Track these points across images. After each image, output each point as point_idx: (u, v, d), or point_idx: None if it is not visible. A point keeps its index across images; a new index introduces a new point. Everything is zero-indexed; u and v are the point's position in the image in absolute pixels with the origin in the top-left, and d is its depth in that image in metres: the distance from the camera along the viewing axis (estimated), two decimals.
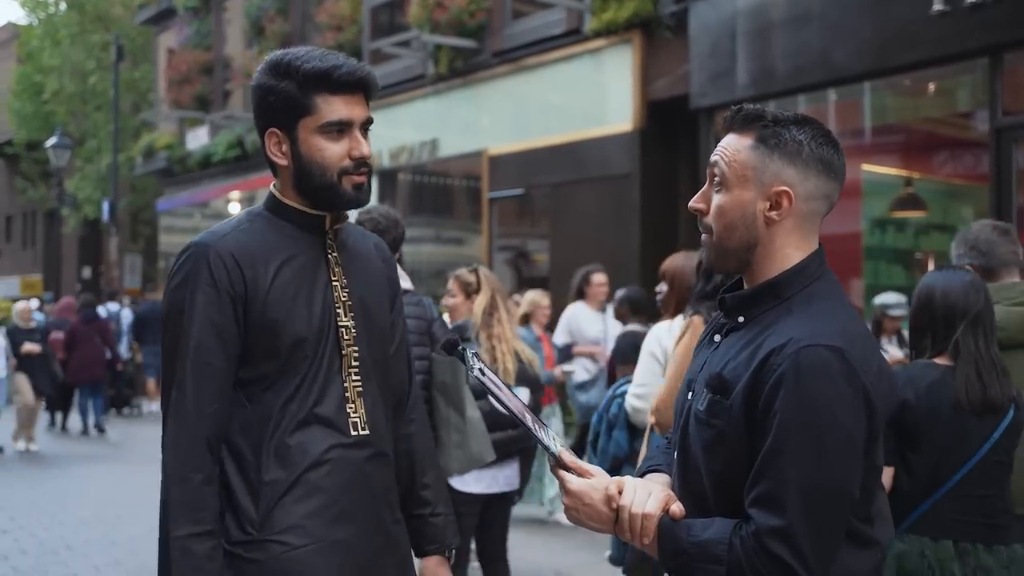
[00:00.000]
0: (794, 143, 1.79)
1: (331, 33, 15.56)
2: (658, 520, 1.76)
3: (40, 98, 27.04)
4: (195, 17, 20.89)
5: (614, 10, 10.89)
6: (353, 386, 2.19)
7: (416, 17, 13.36)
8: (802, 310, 1.76)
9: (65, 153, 20.76)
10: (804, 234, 1.82)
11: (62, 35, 25.55)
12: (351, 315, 2.21)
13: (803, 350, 1.67)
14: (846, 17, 8.71)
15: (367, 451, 2.21)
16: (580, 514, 1.83)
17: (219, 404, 2.12)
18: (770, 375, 1.69)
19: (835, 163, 1.81)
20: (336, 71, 2.12)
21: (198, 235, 2.22)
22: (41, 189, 29.50)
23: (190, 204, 21.24)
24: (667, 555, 1.74)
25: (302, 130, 2.16)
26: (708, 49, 9.94)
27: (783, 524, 1.63)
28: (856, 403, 1.67)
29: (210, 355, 2.11)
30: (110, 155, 22.08)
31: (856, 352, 1.69)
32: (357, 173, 2.16)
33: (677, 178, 11.08)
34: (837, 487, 1.66)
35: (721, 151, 1.86)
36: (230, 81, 19.92)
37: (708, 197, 1.88)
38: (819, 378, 1.66)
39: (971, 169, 8.75)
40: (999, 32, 7.64)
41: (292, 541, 2.11)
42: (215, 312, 2.10)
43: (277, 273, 2.14)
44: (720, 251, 1.86)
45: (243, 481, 2.13)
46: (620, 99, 11.11)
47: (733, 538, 1.68)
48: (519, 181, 12.54)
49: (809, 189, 1.80)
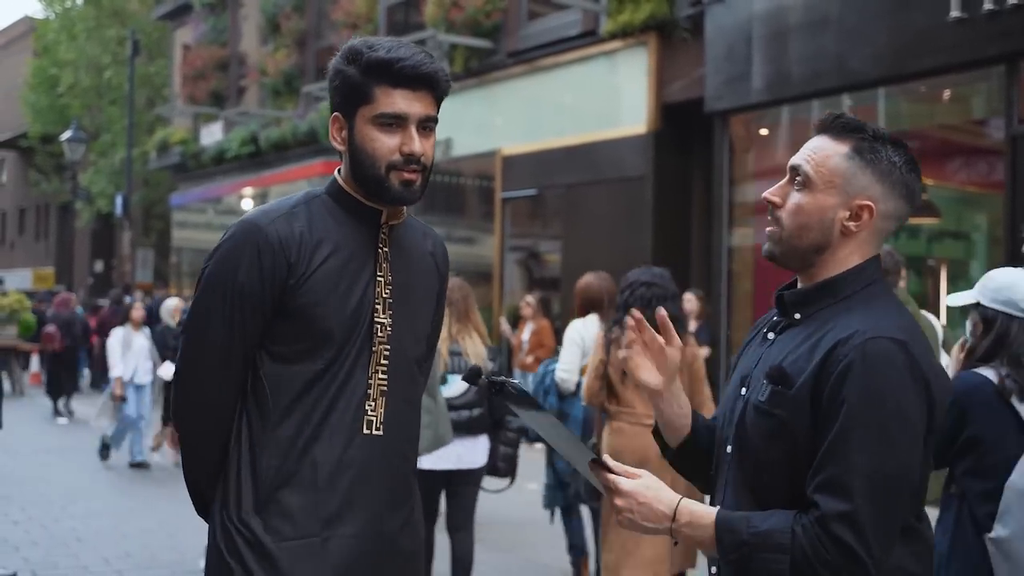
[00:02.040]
0: (888, 162, 1.84)
1: (346, 31, 15.59)
2: (715, 514, 1.79)
3: (55, 92, 27.14)
4: (211, 13, 20.95)
5: (630, 12, 10.90)
6: (378, 383, 2.17)
7: (432, 16, 13.39)
8: (863, 307, 1.81)
9: (80, 147, 20.85)
10: (871, 247, 1.88)
11: (78, 29, 25.66)
12: (389, 312, 2.19)
13: (870, 340, 1.72)
14: (863, 22, 8.70)
15: (379, 451, 2.18)
16: (635, 514, 1.84)
17: (226, 376, 2.16)
18: (837, 364, 1.73)
19: (916, 191, 1.88)
20: (398, 63, 2.10)
21: (250, 212, 2.22)
22: (55, 182, 29.60)
23: (203, 200, 21.32)
24: (727, 548, 1.76)
25: (359, 118, 2.13)
26: (724, 52, 9.94)
27: (849, 508, 1.67)
28: (919, 395, 1.72)
29: (230, 338, 2.14)
30: (124, 149, 22.16)
31: (918, 348, 1.75)
32: (407, 169, 2.12)
33: (691, 181, 11.09)
34: (901, 474, 1.71)
35: (810, 152, 1.87)
36: (245, 77, 19.98)
37: (785, 192, 1.90)
38: (886, 368, 1.71)
39: (986, 176, 8.73)
40: (1016, 40, 7.63)
41: (283, 532, 2.11)
42: (250, 293, 2.12)
43: (323, 261, 2.14)
44: (786, 247, 1.89)
45: (250, 460, 2.15)
46: (635, 101, 11.11)
47: (795, 526, 1.71)
48: (532, 182, 12.55)
49: (889, 209, 1.86)
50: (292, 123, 17.29)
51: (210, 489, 2.22)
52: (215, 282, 2.14)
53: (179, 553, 6.61)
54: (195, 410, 2.20)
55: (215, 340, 2.14)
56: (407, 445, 2.27)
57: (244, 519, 2.12)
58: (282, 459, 2.12)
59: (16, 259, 37.48)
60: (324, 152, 16.08)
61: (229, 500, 2.15)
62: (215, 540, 2.17)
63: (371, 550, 2.17)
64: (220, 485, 2.19)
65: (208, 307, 2.15)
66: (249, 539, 2.11)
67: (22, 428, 12.25)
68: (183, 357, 2.21)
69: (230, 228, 2.18)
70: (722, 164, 10.20)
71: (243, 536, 2.12)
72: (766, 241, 1.93)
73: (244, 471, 2.15)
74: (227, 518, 2.15)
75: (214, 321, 2.14)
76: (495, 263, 13.23)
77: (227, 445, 2.18)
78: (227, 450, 2.18)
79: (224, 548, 2.13)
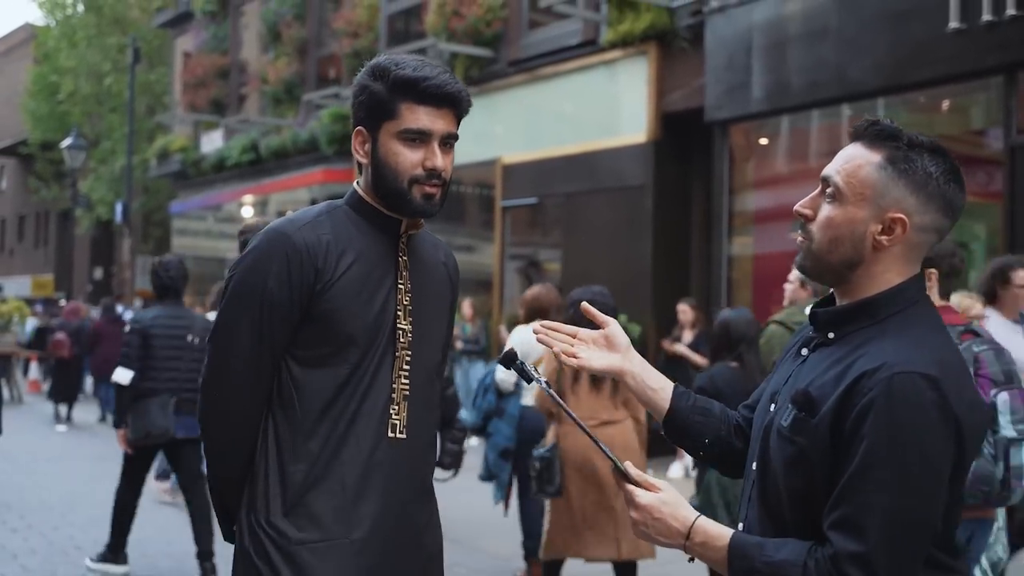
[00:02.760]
0: (924, 173, 1.73)
1: (347, 40, 15.64)
2: (730, 537, 1.76)
3: (56, 99, 27.21)
4: (212, 21, 21.00)
5: (630, 22, 10.93)
6: (401, 388, 2.23)
7: (433, 25, 13.43)
8: (897, 334, 1.71)
9: (80, 154, 20.88)
10: (908, 262, 1.78)
11: (79, 37, 25.73)
12: (409, 319, 2.25)
13: (896, 376, 1.64)
14: (862, 33, 8.73)
15: (402, 454, 2.23)
16: (649, 528, 1.83)
17: (254, 385, 2.20)
18: (860, 398, 1.65)
19: (956, 203, 1.77)
20: (424, 81, 2.16)
21: (277, 221, 2.27)
22: (55, 189, 29.64)
23: (203, 207, 21.33)
24: (736, 572, 1.73)
25: (383, 133, 2.20)
26: (724, 62, 9.97)
27: (863, 550, 1.61)
28: (946, 435, 1.63)
29: (259, 346, 2.18)
30: (124, 157, 22.19)
31: (951, 383, 1.65)
32: (428, 183, 2.19)
33: (691, 190, 11.11)
34: (920, 518, 1.63)
35: (842, 162, 1.79)
36: (246, 85, 20.02)
37: (817, 204, 1.81)
38: (911, 407, 1.62)
39: (984, 186, 8.75)
40: (1014, 50, 7.66)
41: (312, 534, 2.15)
42: (278, 300, 2.16)
43: (348, 268, 2.20)
44: (818, 262, 1.81)
45: (278, 464, 2.19)
46: (635, 110, 11.14)
47: (808, 560, 1.66)
48: (532, 190, 12.57)
49: (926, 221, 1.75)
50: (292, 131, 17.32)
51: (236, 499, 2.25)
52: (243, 291, 2.19)
53: (177, 561, 6.61)
54: (222, 419, 2.24)
55: (243, 349, 2.18)
56: (428, 448, 2.33)
57: (272, 522, 2.17)
58: (311, 463, 2.17)
59: (15, 266, 37.50)
60: (324, 160, 16.11)
61: (257, 504, 2.19)
62: (243, 544, 2.21)
63: (396, 551, 2.22)
64: (247, 490, 2.22)
65: (236, 316, 2.19)
66: (278, 542, 2.15)
67: (21, 435, 12.24)
68: (211, 366, 2.24)
69: (255, 238, 2.23)
70: (722, 173, 10.23)
71: (271, 539, 2.16)
72: (798, 254, 1.85)
73: (272, 476, 2.19)
74: (255, 522, 2.19)
75: (242, 330, 2.18)
76: (495, 271, 13.25)
77: (253, 453, 2.22)
78: (253, 457, 2.22)
79: (253, 551, 2.18)
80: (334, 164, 15.63)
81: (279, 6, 18.29)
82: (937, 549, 1.70)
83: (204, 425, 2.29)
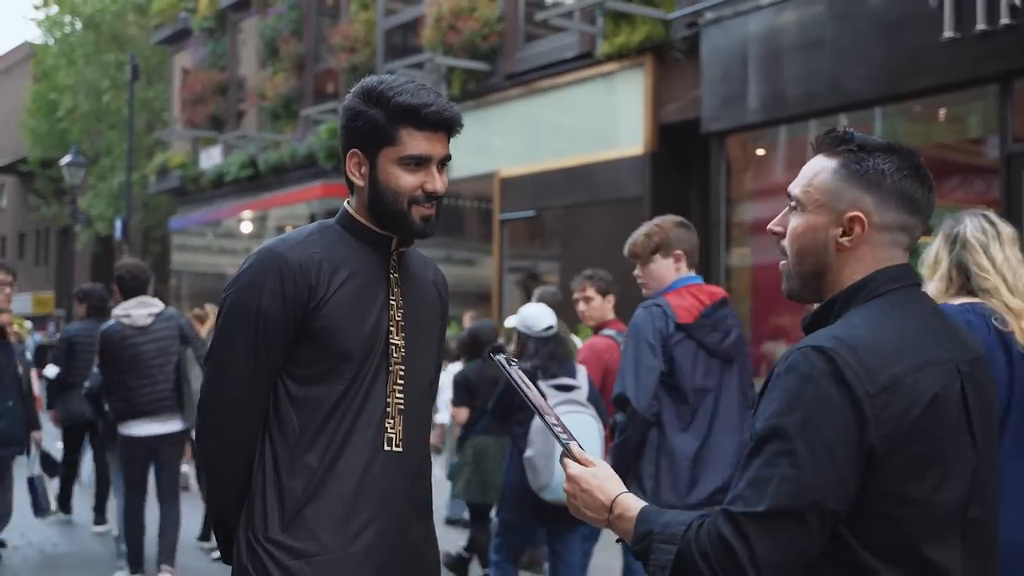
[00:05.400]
0: (876, 171, 1.75)
1: (345, 55, 15.68)
2: (641, 506, 1.77)
3: (55, 116, 27.25)
4: (210, 38, 21.06)
5: (626, 34, 10.96)
6: (396, 403, 2.25)
7: (429, 39, 13.46)
8: (835, 324, 1.72)
9: (79, 171, 20.90)
10: (877, 262, 1.76)
11: (77, 54, 25.77)
12: (402, 335, 2.28)
13: (792, 353, 1.66)
14: (857, 43, 8.76)
15: (399, 467, 2.25)
16: (578, 501, 1.84)
17: (251, 401, 2.22)
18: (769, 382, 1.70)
19: (918, 198, 1.76)
20: (425, 109, 2.19)
21: (270, 240, 2.31)
22: (54, 206, 29.66)
23: (203, 223, 21.35)
24: (635, 539, 1.73)
25: (383, 158, 2.23)
26: (720, 74, 10.00)
27: (741, 511, 1.61)
28: (842, 409, 1.60)
29: (255, 363, 2.20)
30: (123, 173, 22.22)
31: (857, 357, 1.62)
32: (426, 205, 2.24)
33: (688, 201, 11.11)
34: (805, 490, 1.59)
35: (802, 173, 1.82)
36: (244, 101, 20.06)
37: (786, 221, 1.83)
38: (802, 379, 1.62)
39: (981, 195, 8.76)
40: (1009, 59, 7.68)
41: (310, 548, 2.16)
42: (274, 318, 2.19)
43: (341, 285, 2.22)
44: (794, 277, 1.82)
45: (275, 480, 2.20)
46: (632, 122, 11.16)
47: (695, 521, 1.66)
48: (530, 203, 12.59)
49: (887, 219, 1.75)
50: (291, 146, 17.35)
51: (235, 517, 2.26)
52: (239, 310, 2.21)
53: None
54: (221, 436, 2.25)
55: (240, 366, 2.20)
56: (424, 461, 2.36)
57: (271, 537, 2.17)
58: (308, 478, 2.18)
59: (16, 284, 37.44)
60: (323, 175, 16.12)
61: (255, 520, 2.20)
62: (241, 561, 2.21)
63: (395, 564, 2.24)
64: (245, 508, 2.23)
65: (233, 334, 2.21)
66: (276, 557, 2.16)
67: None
68: (208, 385, 2.26)
69: (249, 257, 2.26)
70: (719, 184, 10.24)
71: (270, 554, 2.17)
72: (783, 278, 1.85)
73: (270, 491, 2.20)
74: (253, 538, 2.19)
75: (239, 347, 2.20)
76: (494, 284, 13.26)
77: (251, 469, 2.23)
78: (251, 474, 2.23)
79: (251, 568, 2.19)
80: (333, 179, 15.65)
81: (276, 22, 18.35)
82: (860, 547, 1.63)
83: (203, 443, 2.30)
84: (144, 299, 6.28)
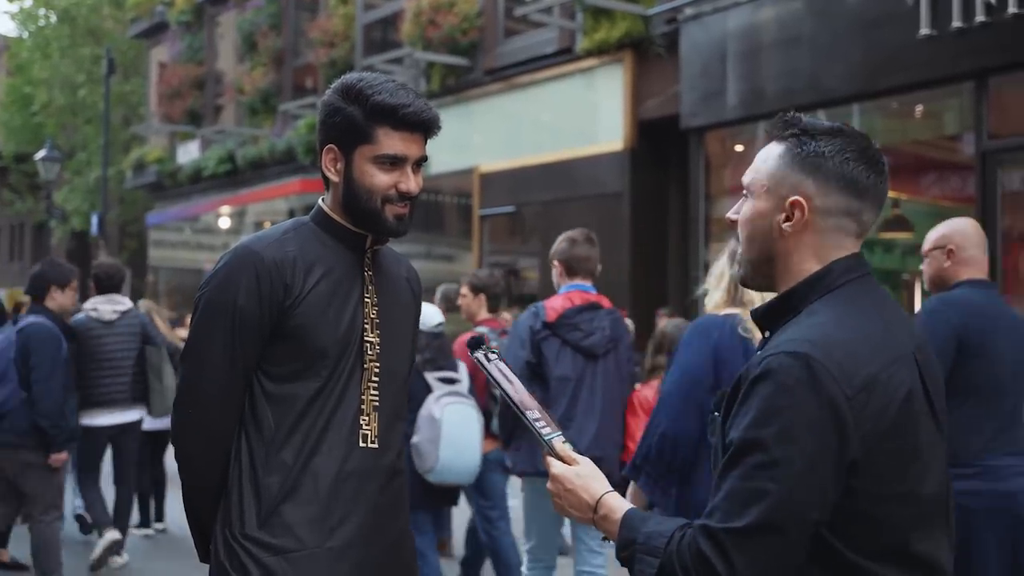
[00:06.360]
0: (815, 155, 1.71)
1: (324, 49, 15.62)
2: (625, 510, 1.74)
3: (29, 110, 26.99)
4: (187, 31, 20.94)
5: (606, 30, 10.98)
6: (371, 400, 2.26)
7: (409, 34, 13.43)
8: (800, 321, 1.68)
9: (54, 166, 20.73)
10: (825, 249, 1.72)
11: (52, 48, 25.52)
12: (377, 332, 2.28)
13: (767, 359, 1.61)
14: (835, 40, 8.81)
15: (375, 464, 2.26)
16: (562, 499, 1.82)
17: (227, 400, 2.22)
18: (742, 388, 1.64)
19: (862, 181, 1.71)
20: (403, 109, 2.19)
21: (246, 238, 2.31)
22: (29, 201, 29.40)
23: (180, 218, 21.24)
24: (620, 544, 1.71)
25: (358, 155, 2.22)
26: (699, 70, 10.03)
27: (720, 527, 1.57)
28: (821, 416, 1.56)
29: (231, 362, 2.20)
30: (99, 168, 22.07)
31: (833, 361, 1.58)
32: (400, 204, 2.24)
33: (667, 197, 11.15)
34: (785, 503, 1.55)
35: (755, 160, 1.81)
36: (222, 96, 19.96)
37: (740, 208, 1.82)
38: (778, 388, 1.57)
39: (957, 191, 8.83)
40: (985, 56, 7.74)
41: (287, 545, 2.16)
42: (249, 316, 2.19)
43: (316, 283, 2.23)
44: (745, 263, 1.81)
45: (252, 477, 2.20)
46: (611, 118, 11.18)
47: (676, 533, 1.63)
48: (510, 198, 12.59)
49: (829, 204, 1.71)
50: (269, 141, 17.28)
51: (211, 516, 2.26)
52: (214, 308, 2.21)
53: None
54: (197, 435, 2.25)
55: (216, 364, 2.20)
56: (398, 458, 2.36)
57: (248, 534, 2.17)
58: (284, 475, 2.19)
59: None
60: (301, 170, 16.07)
61: (232, 518, 2.20)
62: (219, 559, 2.21)
63: (372, 560, 2.24)
64: (222, 506, 2.23)
65: (208, 332, 2.21)
66: (253, 553, 2.16)
67: None
68: (184, 382, 2.27)
69: (224, 255, 2.26)
70: (698, 180, 10.28)
71: (247, 551, 2.17)
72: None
73: (246, 489, 2.20)
74: (230, 536, 2.19)
75: (215, 346, 2.20)
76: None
77: (227, 467, 2.23)
78: (227, 472, 2.23)
79: (229, 565, 2.18)
80: (311, 174, 15.59)
81: (255, 16, 18.26)
82: (848, 550, 1.61)
83: (179, 441, 2.29)
84: (113, 296, 6.69)
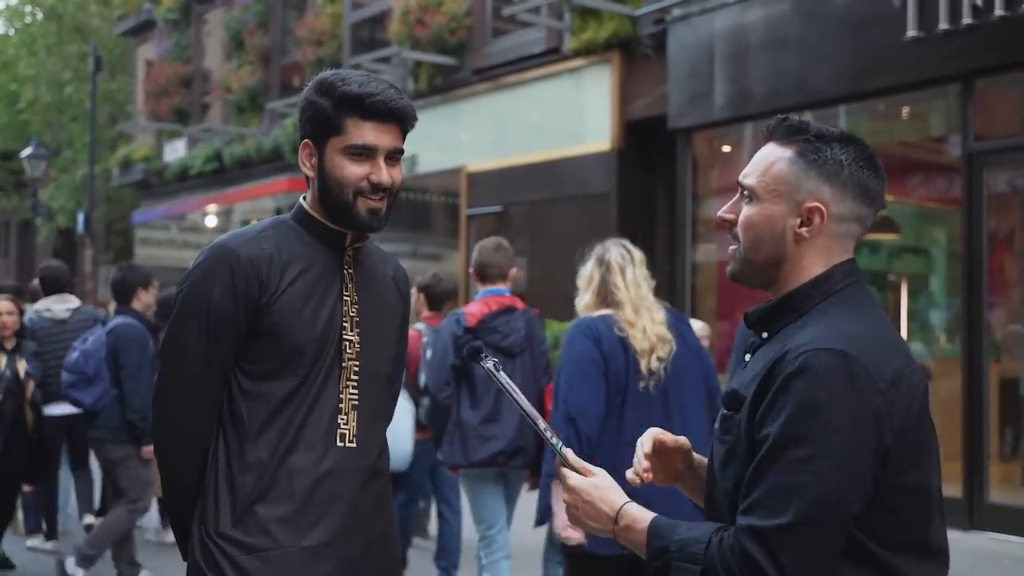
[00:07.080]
0: (834, 162, 1.74)
1: (311, 48, 15.59)
2: (651, 519, 1.74)
3: (15, 108, 26.85)
4: (174, 29, 20.86)
5: (594, 30, 10.98)
6: (349, 398, 2.25)
7: (396, 33, 13.41)
8: (816, 321, 1.70)
9: (40, 164, 20.63)
10: (833, 252, 1.77)
11: (39, 45, 25.39)
12: (356, 330, 2.27)
13: (803, 355, 1.62)
14: (822, 42, 8.83)
15: (353, 463, 2.24)
16: (579, 511, 1.81)
17: (204, 398, 2.21)
18: (773, 384, 1.64)
19: (873, 188, 1.76)
20: (369, 98, 2.19)
21: (223, 236, 2.30)
22: (15, 199, 29.27)
23: (167, 217, 21.15)
24: (652, 554, 1.71)
25: (329, 147, 2.22)
26: (686, 70, 10.04)
27: (764, 525, 1.58)
28: (860, 409, 1.59)
29: (208, 359, 2.20)
30: (86, 166, 21.97)
31: (866, 356, 1.62)
32: (373, 197, 2.22)
33: (655, 197, 11.16)
34: (829, 497, 1.58)
35: (755, 162, 1.81)
36: (209, 94, 19.89)
37: (738, 209, 1.82)
38: (818, 383, 1.59)
39: (944, 193, 8.86)
40: (971, 58, 7.77)
41: (261, 544, 2.15)
42: (225, 313, 2.19)
43: (292, 281, 2.22)
44: (746, 264, 1.81)
45: (227, 476, 2.19)
46: (599, 118, 11.18)
47: (714, 537, 1.64)
48: (497, 198, 12.58)
49: (843, 211, 1.75)
50: (256, 140, 17.23)
51: (190, 513, 2.25)
52: (191, 305, 2.22)
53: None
54: (175, 432, 2.25)
55: (193, 361, 2.20)
56: (379, 458, 2.34)
57: (223, 532, 2.17)
58: (259, 474, 2.18)
59: None
60: (288, 169, 16.02)
61: (207, 516, 2.20)
62: (194, 556, 2.21)
63: (350, 560, 2.23)
64: (199, 503, 2.22)
65: (185, 330, 2.22)
66: (227, 552, 2.16)
67: None
68: (162, 380, 2.26)
69: (201, 252, 2.26)
70: (685, 181, 10.29)
71: (221, 550, 2.16)
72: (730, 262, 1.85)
73: (222, 487, 2.19)
74: (205, 534, 2.19)
75: (192, 343, 2.20)
76: (461, 279, 13.24)
77: (205, 465, 2.22)
78: (205, 470, 2.22)
79: (203, 563, 2.18)
80: (298, 173, 15.42)
81: (242, 14, 18.21)
82: (872, 542, 1.64)
83: (157, 439, 2.29)
84: (64, 296, 7.19)
